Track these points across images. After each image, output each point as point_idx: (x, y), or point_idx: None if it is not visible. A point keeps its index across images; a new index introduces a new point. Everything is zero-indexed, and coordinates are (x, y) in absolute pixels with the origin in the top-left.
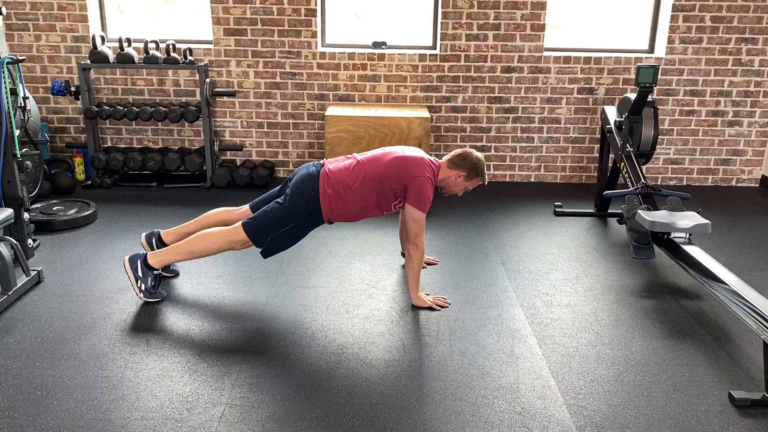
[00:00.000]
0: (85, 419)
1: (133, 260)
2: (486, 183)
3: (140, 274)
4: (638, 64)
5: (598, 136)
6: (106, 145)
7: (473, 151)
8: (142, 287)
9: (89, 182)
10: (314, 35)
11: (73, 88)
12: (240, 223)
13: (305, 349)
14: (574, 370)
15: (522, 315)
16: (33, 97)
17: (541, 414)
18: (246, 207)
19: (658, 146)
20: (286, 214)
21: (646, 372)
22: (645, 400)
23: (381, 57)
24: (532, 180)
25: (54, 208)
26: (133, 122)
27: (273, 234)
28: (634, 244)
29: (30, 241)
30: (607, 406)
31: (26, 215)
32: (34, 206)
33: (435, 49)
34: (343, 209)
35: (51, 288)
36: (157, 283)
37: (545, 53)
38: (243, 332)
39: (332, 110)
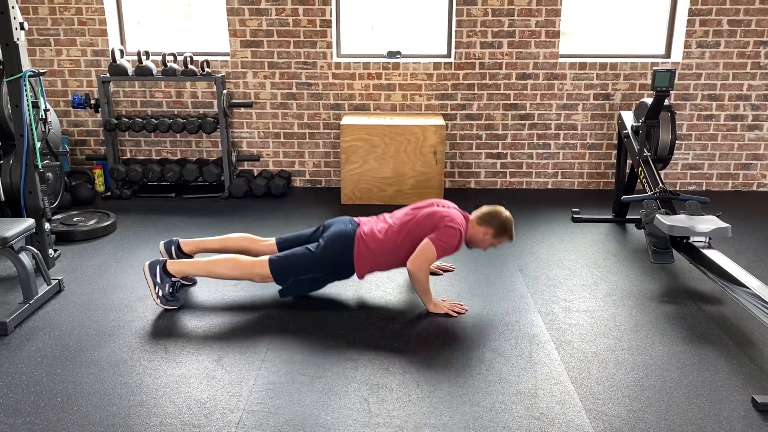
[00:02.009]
0: (104, 425)
1: (152, 266)
2: (513, 240)
3: (159, 280)
4: (654, 67)
5: (616, 141)
6: (125, 157)
7: (503, 209)
8: (160, 293)
9: (109, 193)
10: (329, 46)
11: (92, 101)
12: (267, 257)
13: (322, 356)
14: (593, 376)
15: (540, 321)
16: (54, 110)
17: (560, 419)
18: (272, 241)
19: (676, 151)
20: (315, 263)
21: (666, 377)
22: (666, 405)
23: (396, 66)
24: (549, 187)
25: (74, 219)
26: (152, 134)
27: (296, 277)
28: (653, 249)
29: (51, 251)
30: (627, 411)
31: (47, 225)
32: (55, 217)
33: (450, 57)
34: (374, 265)
35: (71, 297)
36: (175, 290)
37: (560, 60)
38: (260, 339)
39: (348, 119)
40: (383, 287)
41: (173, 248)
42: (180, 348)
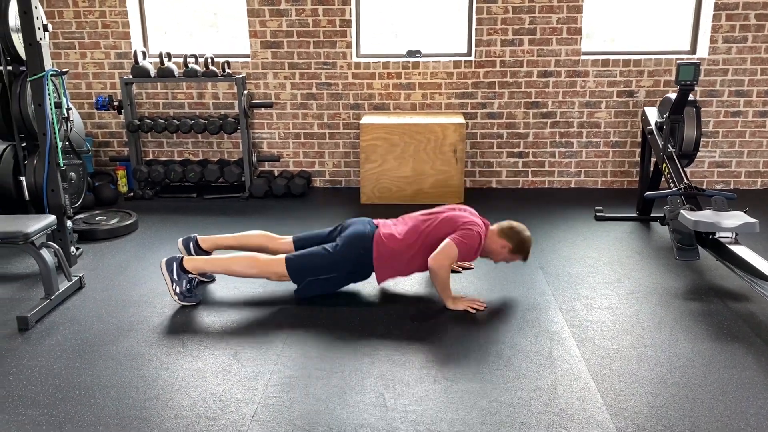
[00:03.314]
0: (120, 417)
1: (169, 263)
2: (526, 261)
3: (176, 276)
4: (678, 61)
5: (640, 139)
6: (148, 158)
7: (525, 228)
8: (177, 290)
9: (132, 194)
10: (349, 46)
11: (115, 103)
12: (284, 256)
13: (339, 351)
14: (615, 372)
15: (561, 318)
16: (79, 112)
17: (579, 415)
18: (289, 239)
19: (702, 149)
20: (331, 264)
21: (691, 374)
22: (690, 402)
23: (415, 65)
24: (572, 186)
25: (97, 218)
26: (174, 135)
27: (312, 277)
28: (678, 246)
29: (73, 248)
30: (650, 408)
31: (69, 223)
32: (78, 216)
33: (470, 55)
34: (395, 271)
35: (92, 293)
36: (193, 287)
37: (582, 57)
38: (277, 334)
39: (367, 118)
40: (401, 283)
41: (191, 245)
42: (197, 343)
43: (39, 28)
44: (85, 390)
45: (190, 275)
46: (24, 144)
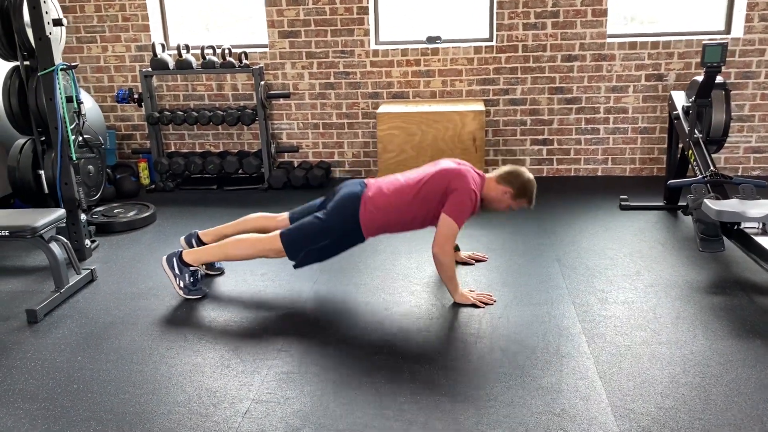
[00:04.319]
0: (114, 412)
1: (169, 258)
2: (532, 207)
3: (177, 271)
4: (704, 42)
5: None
6: (170, 150)
7: (525, 170)
8: (181, 284)
9: (153, 186)
10: (366, 33)
11: (136, 96)
12: (277, 232)
13: (340, 346)
14: (624, 370)
15: (573, 312)
16: (101, 105)
17: (581, 416)
18: (285, 215)
19: (737, 133)
20: (323, 230)
21: (706, 373)
22: (702, 404)
23: (435, 52)
24: (599, 174)
25: (115, 211)
26: (195, 127)
27: (308, 248)
28: (701, 236)
29: (88, 241)
30: (657, 409)
31: (83, 216)
32: (97, 209)
33: (491, 40)
34: (382, 224)
35: (103, 286)
36: (196, 280)
37: (608, 39)
38: (279, 329)
39: (384, 107)
40: (410, 277)
41: (193, 240)
42: (199, 337)
43: (48, 23)
44: (84, 384)
45: (192, 268)
46: (43, 138)
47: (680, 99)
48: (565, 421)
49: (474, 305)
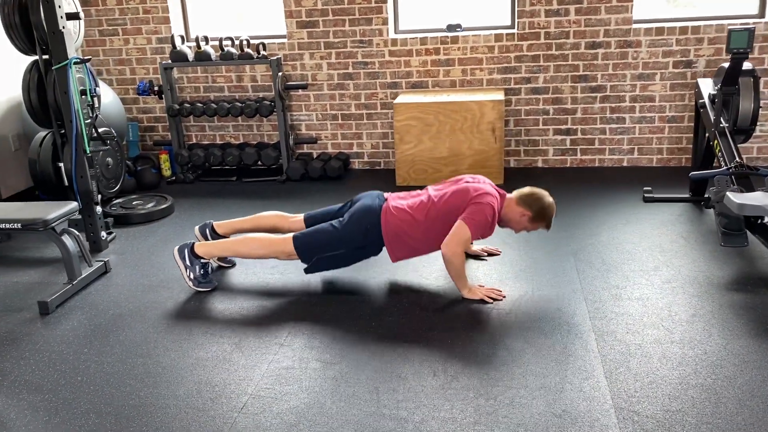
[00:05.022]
0: (114, 405)
1: (181, 250)
2: (549, 230)
3: (188, 263)
4: (729, 27)
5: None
6: (191, 142)
7: (547, 194)
8: (191, 276)
9: (173, 178)
10: (385, 22)
11: (156, 88)
12: (291, 235)
13: (342, 342)
14: (632, 370)
15: (584, 309)
16: (124, 98)
17: (583, 417)
18: (300, 217)
19: None
20: (338, 240)
21: (718, 374)
22: (711, 407)
23: (455, 40)
24: (625, 164)
25: (133, 203)
26: (215, 119)
27: (320, 255)
28: (723, 231)
29: (104, 234)
30: (664, 412)
31: (98, 209)
32: (116, 201)
33: (513, 27)
34: (409, 248)
35: (116, 278)
36: (206, 273)
37: (634, 25)
38: (284, 322)
39: (401, 98)
40: (419, 271)
41: (207, 231)
42: (204, 330)
43: (61, 17)
44: (88, 377)
45: (202, 260)
46: (62, 131)
47: (707, 87)
48: (565, 423)
49: (483, 301)
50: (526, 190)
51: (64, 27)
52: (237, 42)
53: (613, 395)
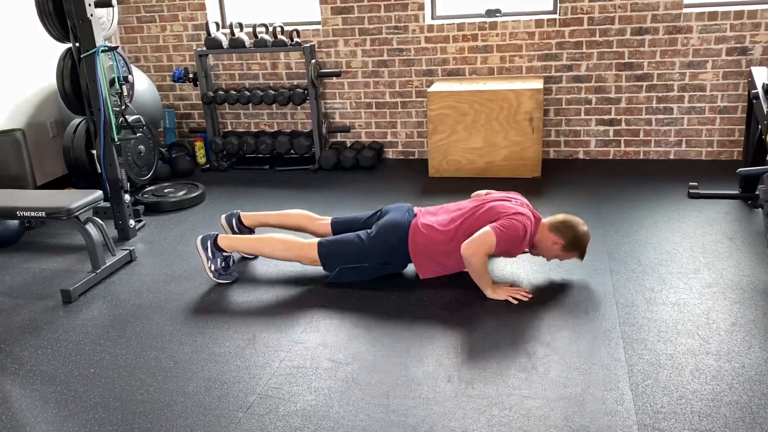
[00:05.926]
0: (122, 400)
1: (204, 241)
2: (582, 259)
3: (210, 254)
4: None
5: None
6: (226, 130)
7: (581, 222)
8: (212, 267)
9: (207, 166)
10: (421, 8)
11: (191, 75)
12: (317, 241)
13: (356, 341)
14: (661, 383)
15: (615, 313)
16: (161, 85)
17: None
18: (328, 221)
19: None
20: (363, 253)
21: (755, 391)
22: (746, 428)
23: (493, 26)
24: (671, 157)
25: (165, 191)
26: (250, 106)
27: (343, 265)
28: None
29: (132, 222)
30: (692, 431)
31: (127, 197)
32: (149, 188)
33: (554, 12)
34: (438, 265)
35: (140, 267)
36: (228, 265)
37: (685, 10)
38: (300, 318)
39: (435, 86)
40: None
41: (234, 221)
42: (220, 324)
43: (89, 5)
44: (101, 369)
45: (224, 253)
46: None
47: (761, 76)
48: None
49: (507, 301)
50: (560, 217)
51: (92, 15)
52: (271, 29)
53: (637, 410)
